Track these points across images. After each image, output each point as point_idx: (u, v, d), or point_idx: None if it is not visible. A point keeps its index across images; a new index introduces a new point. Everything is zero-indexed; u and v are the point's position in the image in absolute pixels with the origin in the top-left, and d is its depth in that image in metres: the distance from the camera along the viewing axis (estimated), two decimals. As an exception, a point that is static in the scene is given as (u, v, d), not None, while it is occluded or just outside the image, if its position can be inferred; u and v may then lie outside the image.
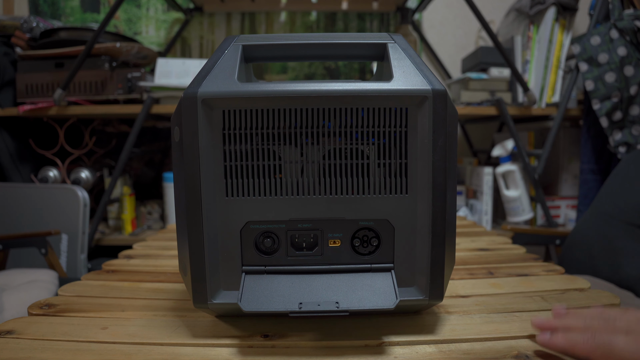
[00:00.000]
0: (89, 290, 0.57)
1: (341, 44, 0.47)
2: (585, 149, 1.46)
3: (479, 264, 0.68)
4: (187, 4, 1.87)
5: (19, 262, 1.25)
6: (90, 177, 1.61)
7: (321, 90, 0.41)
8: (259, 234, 0.44)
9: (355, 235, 0.44)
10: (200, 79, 0.42)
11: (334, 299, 0.42)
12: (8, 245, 1.15)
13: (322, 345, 0.42)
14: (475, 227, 0.99)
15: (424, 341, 0.43)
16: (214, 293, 0.43)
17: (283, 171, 0.43)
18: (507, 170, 1.50)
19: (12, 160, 1.55)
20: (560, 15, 1.46)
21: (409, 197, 0.43)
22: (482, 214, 1.56)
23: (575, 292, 0.55)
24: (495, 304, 0.52)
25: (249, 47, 0.46)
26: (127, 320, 0.48)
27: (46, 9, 1.90)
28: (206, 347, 0.42)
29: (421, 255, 0.43)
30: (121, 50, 1.48)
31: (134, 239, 1.53)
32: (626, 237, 0.96)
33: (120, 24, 1.92)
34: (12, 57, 1.54)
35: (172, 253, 0.77)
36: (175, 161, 0.44)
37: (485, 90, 1.50)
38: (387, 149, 0.42)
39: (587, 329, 0.38)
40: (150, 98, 1.44)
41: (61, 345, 0.42)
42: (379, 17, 1.92)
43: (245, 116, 0.42)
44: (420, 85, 0.41)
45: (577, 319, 0.40)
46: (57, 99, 1.41)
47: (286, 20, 1.92)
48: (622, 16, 1.29)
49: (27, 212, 1.40)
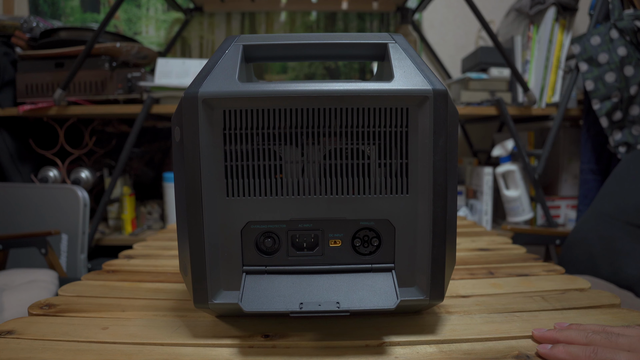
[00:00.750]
0: (89, 290, 0.57)
1: (341, 44, 0.47)
2: (585, 149, 1.46)
3: (479, 264, 0.68)
4: (187, 4, 1.87)
5: (19, 262, 1.25)
6: (90, 177, 1.61)
7: (321, 90, 0.41)
8: (259, 234, 0.44)
9: (356, 235, 0.44)
10: (200, 79, 0.42)
11: (335, 299, 0.42)
12: (8, 245, 1.15)
13: (322, 345, 0.42)
14: (475, 227, 0.99)
15: (424, 341, 0.43)
16: (214, 293, 0.43)
17: (284, 171, 0.43)
18: (507, 170, 1.50)
19: (12, 160, 1.55)
20: (560, 15, 1.46)
21: (410, 197, 0.43)
22: (482, 214, 1.56)
23: (575, 292, 0.55)
24: (496, 304, 0.52)
25: (249, 47, 0.46)
26: (128, 320, 0.48)
27: (46, 9, 1.90)
28: (207, 347, 0.42)
29: (422, 255, 0.43)
30: (121, 50, 1.48)
31: (134, 239, 1.53)
32: (626, 237, 0.96)
33: (120, 24, 1.92)
34: (12, 57, 1.54)
35: (172, 253, 0.77)
36: (175, 161, 0.44)
37: (485, 90, 1.50)
38: (387, 149, 0.42)
39: (589, 343, 0.38)
40: (150, 98, 1.44)
41: (61, 345, 0.42)
42: (379, 17, 1.92)
43: (245, 116, 0.42)
44: (421, 85, 0.41)
45: (579, 333, 0.40)
46: (57, 99, 1.41)
47: (286, 20, 1.92)
48: (622, 16, 1.29)
49: (27, 212, 1.40)
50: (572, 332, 0.40)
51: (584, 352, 0.37)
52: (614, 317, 0.47)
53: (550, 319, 0.47)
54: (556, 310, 0.49)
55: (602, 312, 0.49)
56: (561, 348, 0.39)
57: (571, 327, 0.42)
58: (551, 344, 0.40)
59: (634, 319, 0.47)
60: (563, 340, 0.40)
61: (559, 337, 0.40)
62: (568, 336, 0.40)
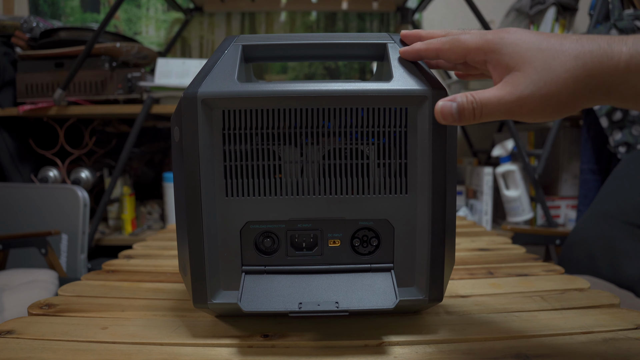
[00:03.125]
0: (89, 290, 0.57)
1: (341, 44, 0.47)
2: (585, 149, 1.46)
3: (479, 264, 0.68)
4: (187, 4, 1.87)
5: (19, 262, 1.25)
6: (90, 177, 1.61)
7: (321, 90, 0.41)
8: (258, 234, 0.44)
9: (355, 235, 0.44)
10: (200, 79, 0.42)
11: (334, 299, 0.42)
12: (8, 245, 1.15)
13: (322, 345, 0.42)
14: (475, 227, 0.99)
15: (423, 341, 0.43)
16: (213, 293, 0.43)
17: (283, 171, 0.43)
18: (507, 170, 1.50)
19: (12, 160, 1.55)
20: (560, 15, 1.46)
21: (409, 197, 0.43)
22: (482, 214, 1.56)
23: (575, 292, 0.55)
24: (495, 304, 0.52)
25: (249, 47, 0.46)
26: (127, 320, 0.48)
27: (46, 9, 1.90)
28: (206, 347, 0.42)
29: (421, 255, 0.43)
30: (121, 50, 1.48)
31: (134, 239, 1.53)
32: (626, 237, 0.96)
33: (120, 24, 1.92)
34: (12, 57, 1.54)
35: (172, 253, 0.77)
36: (175, 161, 0.44)
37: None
38: (387, 149, 0.43)
39: (446, 34, 0.42)
40: (150, 98, 1.44)
41: (61, 345, 0.42)
42: (379, 17, 1.92)
43: (245, 116, 0.42)
44: (420, 85, 0.41)
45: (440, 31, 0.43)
46: (57, 99, 1.41)
47: (286, 20, 1.92)
48: (622, 16, 1.29)
49: (27, 212, 1.40)
50: (434, 31, 0.43)
51: (438, 39, 0.41)
52: (613, 317, 0.47)
53: (550, 318, 0.47)
54: (555, 310, 0.49)
55: (602, 312, 0.49)
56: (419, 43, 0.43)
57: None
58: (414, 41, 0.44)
59: (634, 318, 0.47)
60: (426, 37, 0.43)
61: (423, 34, 0.44)
62: (429, 32, 0.43)
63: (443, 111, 0.38)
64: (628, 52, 0.33)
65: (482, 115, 0.37)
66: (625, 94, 0.34)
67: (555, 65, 0.34)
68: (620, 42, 0.33)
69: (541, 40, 0.35)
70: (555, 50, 0.35)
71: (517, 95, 0.35)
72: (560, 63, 0.34)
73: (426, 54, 0.42)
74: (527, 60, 0.35)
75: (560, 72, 0.34)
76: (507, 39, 0.37)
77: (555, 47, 0.35)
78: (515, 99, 0.35)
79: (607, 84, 0.34)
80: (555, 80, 0.34)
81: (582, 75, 0.34)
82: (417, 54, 0.42)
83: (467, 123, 0.39)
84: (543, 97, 0.35)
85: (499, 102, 0.36)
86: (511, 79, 0.36)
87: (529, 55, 0.35)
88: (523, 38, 0.36)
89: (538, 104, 0.35)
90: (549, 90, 0.34)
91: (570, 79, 0.34)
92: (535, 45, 0.35)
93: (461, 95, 0.38)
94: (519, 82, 0.35)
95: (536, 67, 0.35)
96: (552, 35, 0.36)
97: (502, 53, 0.36)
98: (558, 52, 0.34)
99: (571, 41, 0.35)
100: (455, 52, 0.39)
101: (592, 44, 0.34)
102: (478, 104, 0.37)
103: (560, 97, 0.34)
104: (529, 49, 0.35)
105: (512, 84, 0.36)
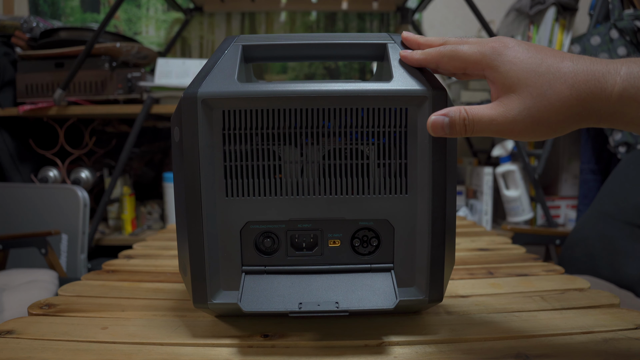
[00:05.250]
0: (89, 290, 0.57)
1: (341, 44, 0.47)
2: (585, 149, 1.46)
3: (479, 264, 0.68)
4: (187, 4, 1.87)
5: (19, 262, 1.25)
6: (90, 177, 1.61)
7: (321, 90, 0.41)
8: (258, 234, 0.44)
9: (355, 235, 0.44)
10: (200, 79, 0.42)
11: (334, 299, 0.42)
12: (8, 245, 1.16)
13: (322, 345, 0.42)
14: (475, 227, 0.99)
15: (423, 341, 0.43)
16: (213, 293, 0.43)
17: (283, 171, 0.43)
18: (507, 170, 1.50)
19: (12, 160, 1.55)
20: (560, 15, 1.46)
21: (409, 197, 0.43)
22: (482, 214, 1.56)
23: (575, 292, 0.55)
24: (495, 304, 0.52)
25: (249, 47, 0.46)
26: (127, 320, 0.48)
27: (46, 9, 1.90)
28: (206, 347, 0.42)
29: (421, 255, 0.43)
30: (121, 50, 1.48)
31: (134, 239, 1.53)
32: (626, 237, 0.96)
33: (120, 24, 1.92)
34: (12, 57, 1.54)
35: (172, 253, 0.77)
36: (175, 161, 0.44)
37: (485, 90, 1.50)
38: (386, 149, 0.43)
39: (444, 43, 0.42)
40: (150, 98, 1.44)
41: (61, 345, 0.42)
42: (379, 17, 1.92)
43: (245, 116, 0.42)
44: (420, 85, 0.41)
45: (439, 39, 0.43)
46: (57, 99, 1.41)
47: (286, 20, 1.92)
48: (622, 16, 1.29)
49: (27, 212, 1.40)
50: (433, 42, 0.43)
51: (436, 48, 0.41)
52: (613, 316, 0.47)
53: (550, 318, 0.47)
54: (555, 310, 0.49)
55: (602, 311, 0.49)
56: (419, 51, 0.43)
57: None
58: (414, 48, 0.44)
59: (634, 318, 0.47)
60: (425, 45, 0.43)
61: (422, 41, 0.44)
62: (428, 40, 0.43)
63: (434, 125, 0.39)
64: (621, 85, 0.33)
65: (474, 132, 0.38)
66: (616, 122, 0.35)
67: (550, 93, 0.35)
68: (615, 73, 0.34)
69: (539, 63, 0.36)
70: (552, 75, 0.35)
71: (509, 119, 0.36)
72: (555, 92, 0.35)
73: (425, 64, 0.42)
74: (524, 84, 0.36)
75: (554, 100, 0.35)
76: (505, 57, 0.37)
77: (552, 71, 0.35)
78: (507, 122, 0.36)
79: (599, 113, 0.35)
80: (549, 107, 0.35)
81: (575, 105, 0.34)
82: (416, 63, 0.42)
83: (457, 137, 0.40)
84: (535, 122, 0.36)
85: (491, 123, 0.37)
86: (506, 101, 0.37)
87: (525, 78, 0.36)
88: (521, 57, 0.36)
89: (529, 128, 0.36)
90: (541, 117, 0.35)
91: (563, 107, 0.35)
92: (533, 68, 0.36)
93: (454, 110, 0.38)
94: (513, 107, 0.36)
95: (531, 92, 0.35)
96: (550, 55, 0.36)
97: (500, 71, 0.37)
98: (555, 78, 0.35)
99: (568, 65, 0.35)
100: (454, 65, 0.40)
101: (588, 74, 0.34)
102: (470, 121, 0.38)
103: (551, 123, 0.35)
104: (526, 71, 0.36)
105: (505, 106, 0.36)
